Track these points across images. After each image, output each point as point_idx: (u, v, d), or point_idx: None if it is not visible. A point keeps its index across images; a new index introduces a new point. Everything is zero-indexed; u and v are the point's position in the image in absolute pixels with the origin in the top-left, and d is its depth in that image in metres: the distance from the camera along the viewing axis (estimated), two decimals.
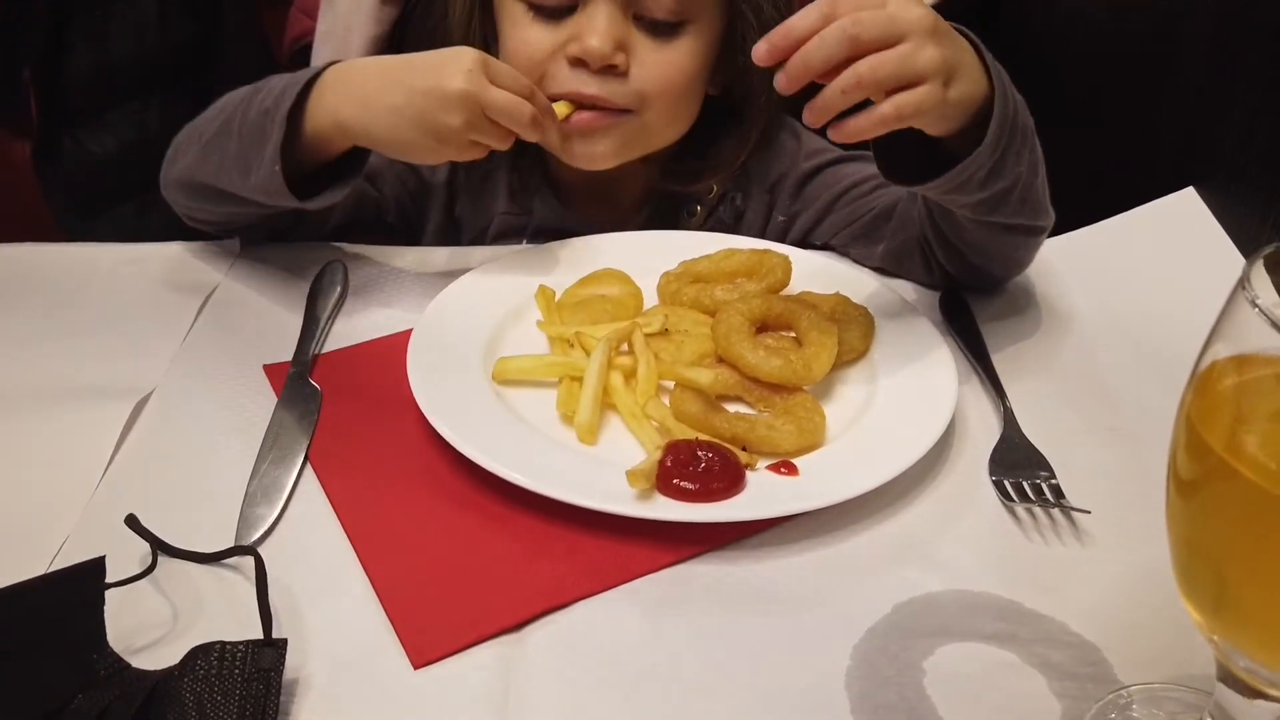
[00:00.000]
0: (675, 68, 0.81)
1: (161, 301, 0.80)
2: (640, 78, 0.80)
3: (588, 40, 0.77)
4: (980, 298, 0.81)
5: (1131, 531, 0.59)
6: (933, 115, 0.63)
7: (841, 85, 0.60)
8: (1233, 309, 0.37)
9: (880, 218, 0.84)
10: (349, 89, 0.74)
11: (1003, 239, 0.76)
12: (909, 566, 0.57)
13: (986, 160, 0.66)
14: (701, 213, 0.91)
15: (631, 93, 0.80)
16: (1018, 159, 0.68)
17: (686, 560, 0.57)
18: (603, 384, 0.65)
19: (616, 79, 0.79)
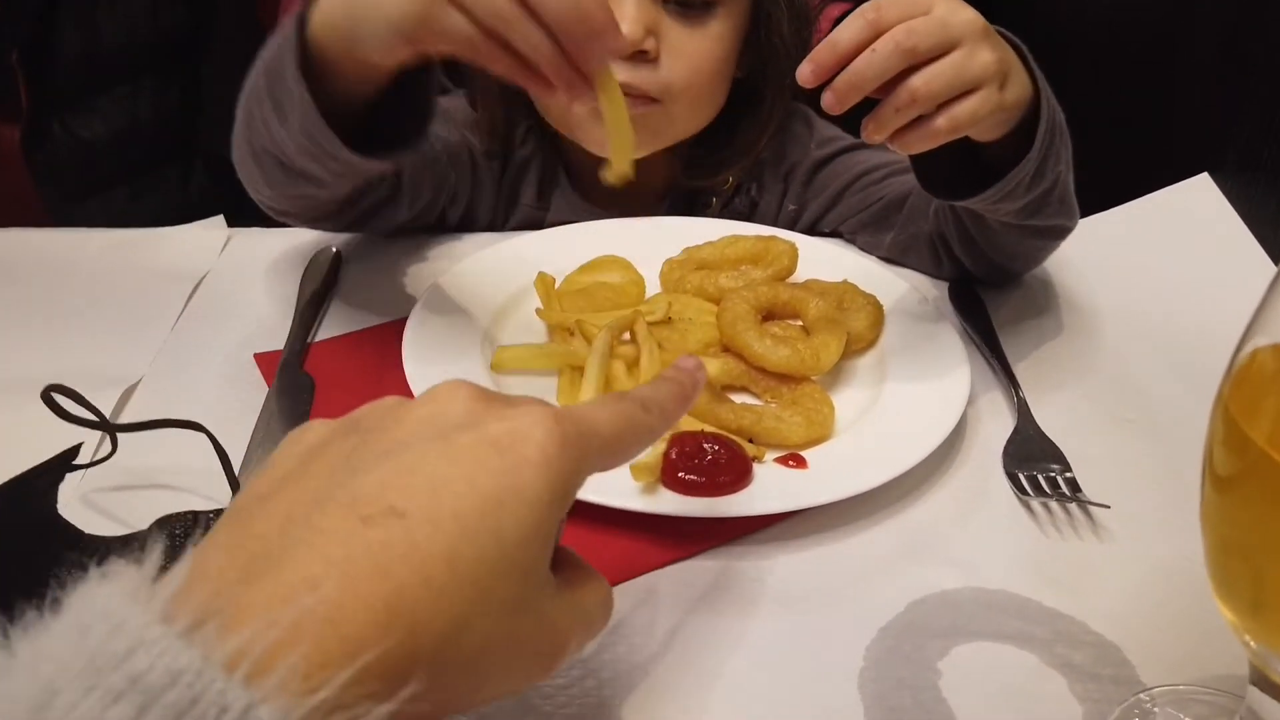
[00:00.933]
0: (705, 54, 0.79)
1: (150, 288, 0.77)
2: (669, 65, 0.78)
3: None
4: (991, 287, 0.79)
5: (1152, 527, 0.58)
6: (989, 122, 0.60)
7: (896, 104, 0.57)
8: (1276, 295, 0.35)
9: (890, 206, 0.82)
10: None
11: (1033, 241, 0.75)
12: (922, 563, 0.55)
13: (1034, 163, 0.63)
14: (717, 204, 0.90)
15: (660, 82, 0.78)
16: (1058, 158, 0.66)
17: (692, 556, 0.55)
18: (605, 374, 0.63)
19: (646, 65, 0.77)
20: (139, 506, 0.56)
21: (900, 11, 0.56)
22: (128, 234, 0.84)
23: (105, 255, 0.81)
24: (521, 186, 0.91)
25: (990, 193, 0.65)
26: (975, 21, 0.58)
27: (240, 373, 0.69)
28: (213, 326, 0.74)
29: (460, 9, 0.52)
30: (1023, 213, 0.69)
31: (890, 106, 0.57)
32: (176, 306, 0.75)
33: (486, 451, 0.33)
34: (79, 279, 0.79)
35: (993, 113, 0.59)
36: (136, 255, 0.81)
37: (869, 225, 0.84)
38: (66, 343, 0.71)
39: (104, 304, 0.76)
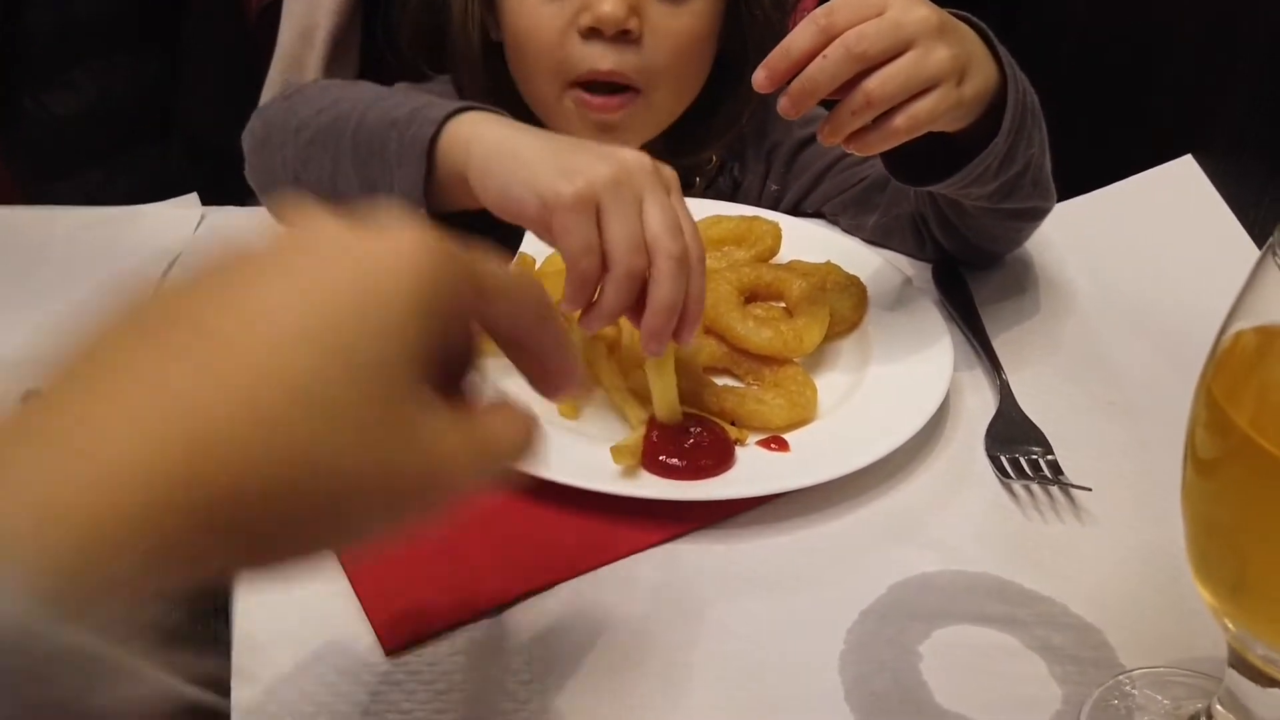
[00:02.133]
0: (687, 33, 0.79)
1: (123, 266, 0.76)
2: (652, 46, 0.77)
3: (599, 6, 0.74)
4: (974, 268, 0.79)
5: (1133, 510, 0.58)
6: (948, 118, 0.60)
7: (852, 107, 0.57)
8: (1260, 277, 0.34)
9: (872, 187, 0.82)
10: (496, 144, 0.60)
11: (1010, 224, 0.74)
12: (904, 545, 0.55)
13: (1001, 149, 0.63)
14: (701, 183, 0.89)
15: (644, 66, 0.77)
16: (1029, 141, 0.66)
17: (673, 540, 0.54)
18: (585, 356, 0.62)
19: (631, 47, 0.77)
20: None
21: (851, 14, 0.56)
22: (100, 212, 0.82)
23: (77, 234, 0.80)
24: None
25: (957, 178, 0.64)
26: (929, 19, 0.57)
27: None
28: None
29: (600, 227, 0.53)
30: (996, 196, 0.68)
31: (846, 110, 0.57)
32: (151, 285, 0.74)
33: (338, 261, 0.29)
34: (51, 257, 0.77)
35: (951, 109, 0.59)
36: (109, 233, 0.80)
37: (851, 206, 0.83)
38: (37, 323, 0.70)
39: (76, 283, 0.74)
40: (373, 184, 0.64)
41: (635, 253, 0.53)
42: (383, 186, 0.64)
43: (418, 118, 0.62)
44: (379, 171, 0.64)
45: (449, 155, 0.61)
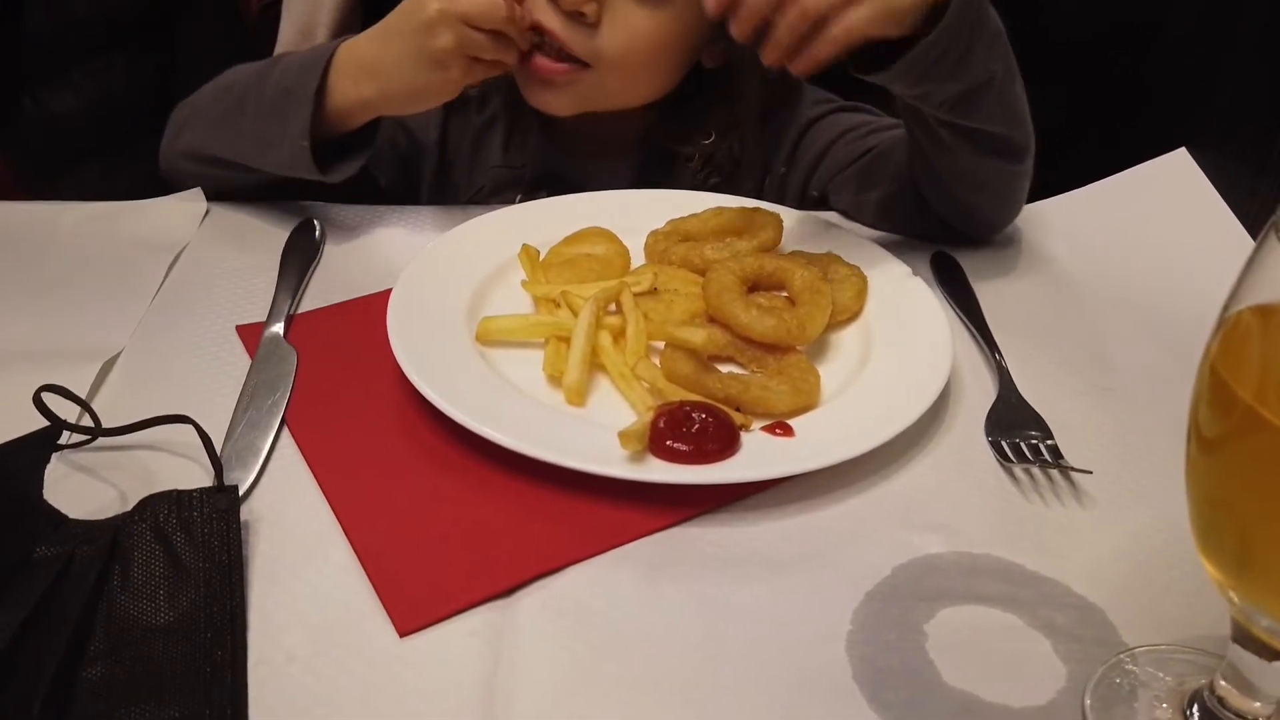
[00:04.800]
0: (645, 35, 0.79)
1: (128, 260, 0.76)
2: (607, 34, 0.78)
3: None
4: (972, 259, 0.79)
5: (1132, 492, 0.58)
6: (882, 23, 0.63)
7: (787, 22, 0.62)
8: (1263, 256, 0.35)
9: (875, 160, 0.83)
10: (361, 67, 0.76)
11: (985, 161, 0.75)
12: (908, 528, 0.56)
13: (949, 43, 0.65)
14: (699, 159, 0.89)
15: (592, 47, 0.78)
16: (989, 54, 0.69)
17: (680, 524, 0.55)
18: (591, 344, 0.63)
19: (583, 27, 0.77)
20: (121, 485, 0.56)
21: None
22: (106, 207, 0.82)
23: (83, 228, 0.80)
24: (485, 149, 0.91)
25: (907, 62, 0.66)
26: None
27: (222, 345, 0.68)
28: (193, 299, 0.73)
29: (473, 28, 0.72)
30: (960, 107, 0.70)
31: (783, 26, 0.62)
32: (156, 279, 0.74)
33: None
34: (57, 252, 0.77)
35: (881, 15, 0.63)
36: (115, 227, 0.80)
37: (853, 182, 0.84)
38: (45, 316, 0.70)
39: (83, 277, 0.75)
40: (267, 143, 0.78)
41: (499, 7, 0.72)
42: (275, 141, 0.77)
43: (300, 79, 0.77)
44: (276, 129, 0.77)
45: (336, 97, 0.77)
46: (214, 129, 0.82)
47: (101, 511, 0.53)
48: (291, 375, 0.65)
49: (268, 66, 0.81)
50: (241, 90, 0.81)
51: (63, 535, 0.50)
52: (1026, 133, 0.75)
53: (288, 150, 0.77)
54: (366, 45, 0.77)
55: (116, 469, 0.57)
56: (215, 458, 0.56)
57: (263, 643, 0.48)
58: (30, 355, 0.66)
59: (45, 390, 0.56)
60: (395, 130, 0.89)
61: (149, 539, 0.50)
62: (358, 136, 0.80)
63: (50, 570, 0.47)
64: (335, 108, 0.77)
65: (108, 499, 0.55)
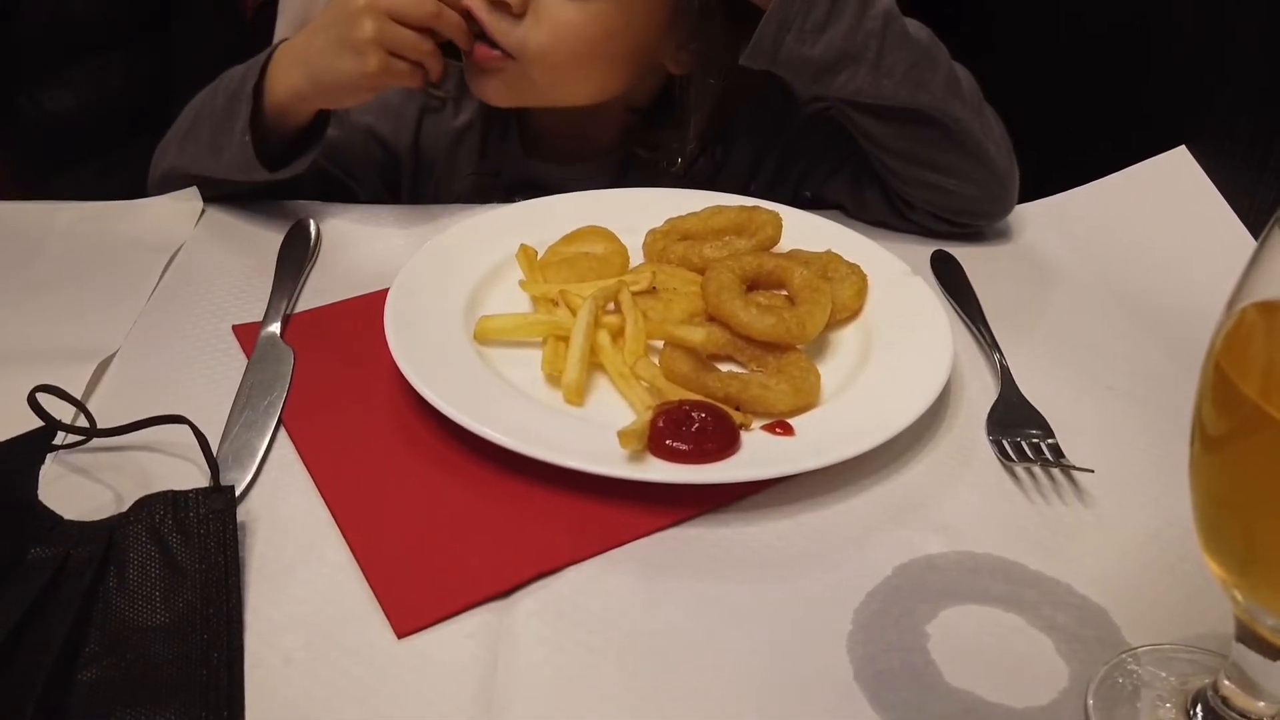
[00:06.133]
0: (573, 28, 0.78)
1: (124, 260, 0.76)
2: (530, 26, 0.77)
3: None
4: (972, 257, 0.79)
5: (1134, 491, 0.58)
6: None
7: None
8: (1267, 252, 0.35)
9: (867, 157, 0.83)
10: (292, 58, 0.78)
11: (916, 130, 0.77)
12: (909, 528, 0.55)
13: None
14: (682, 164, 0.89)
15: (515, 39, 0.78)
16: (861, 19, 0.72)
17: (680, 524, 0.55)
18: (590, 343, 0.63)
19: (508, 18, 0.77)
20: (117, 486, 0.56)
21: None
22: (101, 206, 0.82)
23: (79, 227, 0.80)
24: (460, 155, 0.91)
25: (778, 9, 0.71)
26: None
27: (218, 344, 0.68)
28: (189, 298, 0.72)
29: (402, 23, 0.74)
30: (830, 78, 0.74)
31: None
32: (152, 278, 0.74)
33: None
34: (52, 251, 0.77)
35: None
36: (111, 227, 0.80)
37: (849, 180, 0.85)
38: (40, 316, 0.70)
39: (78, 276, 0.74)
40: (219, 148, 0.79)
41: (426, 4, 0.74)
42: (225, 145, 0.79)
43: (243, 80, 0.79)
44: (225, 133, 0.79)
45: (274, 90, 0.78)
46: (181, 145, 0.84)
47: (97, 512, 0.53)
48: (288, 375, 0.64)
49: (218, 81, 0.83)
50: (199, 104, 0.84)
51: (58, 536, 0.50)
52: (940, 99, 0.76)
53: (236, 151, 0.78)
54: (300, 37, 0.79)
55: (112, 469, 0.57)
56: (211, 458, 0.55)
57: (259, 644, 0.47)
58: (25, 355, 0.65)
59: (40, 390, 0.56)
60: (369, 142, 0.91)
61: (145, 540, 0.49)
62: (307, 133, 0.80)
63: (45, 571, 0.47)
64: (273, 103, 0.78)
65: (103, 500, 0.54)
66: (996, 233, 0.84)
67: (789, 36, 0.73)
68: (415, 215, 0.84)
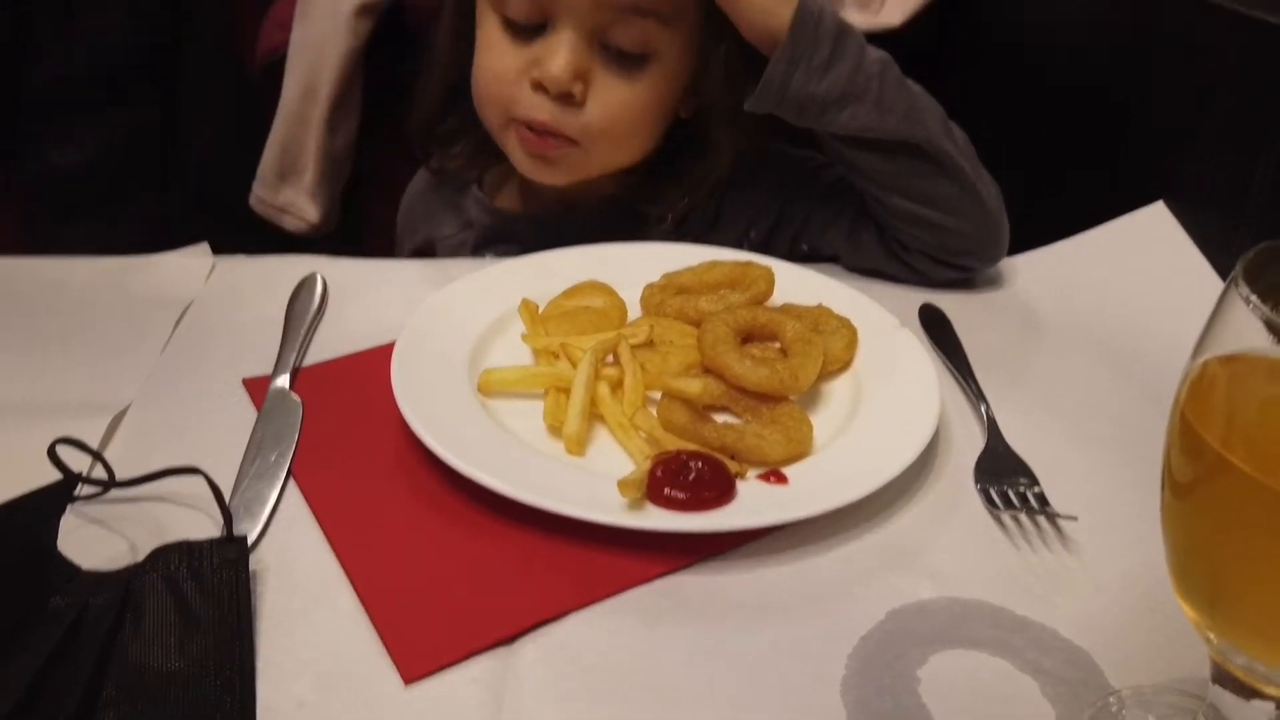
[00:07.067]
0: (629, 105, 0.83)
1: (137, 315, 0.78)
2: (593, 111, 0.82)
3: (549, 67, 0.80)
4: (959, 310, 0.82)
5: (1117, 538, 0.60)
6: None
7: None
8: (1225, 309, 0.37)
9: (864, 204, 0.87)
10: None
11: (902, 163, 0.81)
12: (900, 574, 0.57)
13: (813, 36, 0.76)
14: (671, 220, 0.92)
15: (580, 125, 0.82)
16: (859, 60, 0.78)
17: (678, 571, 0.56)
18: (590, 394, 0.65)
19: (571, 109, 0.82)
20: (132, 536, 0.57)
21: None
22: (113, 262, 0.84)
23: (92, 282, 0.82)
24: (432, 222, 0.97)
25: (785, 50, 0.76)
26: None
27: (229, 398, 0.70)
28: (201, 352, 0.74)
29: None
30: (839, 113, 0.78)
31: None
32: (164, 333, 0.76)
33: None
34: (66, 306, 0.79)
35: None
36: (123, 282, 0.82)
37: (845, 228, 0.88)
38: (55, 370, 0.72)
39: (92, 331, 0.77)
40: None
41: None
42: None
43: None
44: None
45: None
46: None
47: (114, 561, 0.54)
48: (297, 427, 0.66)
49: None
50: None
51: (76, 586, 0.51)
52: (938, 137, 0.80)
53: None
54: None
55: (127, 519, 0.58)
56: (225, 508, 0.57)
57: (271, 690, 0.49)
58: (41, 409, 0.67)
59: (59, 443, 0.58)
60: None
61: (160, 589, 0.51)
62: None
63: (64, 620, 0.49)
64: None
65: (119, 549, 0.56)
66: (981, 285, 0.87)
67: (797, 73, 0.77)
68: (420, 270, 0.86)
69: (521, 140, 0.84)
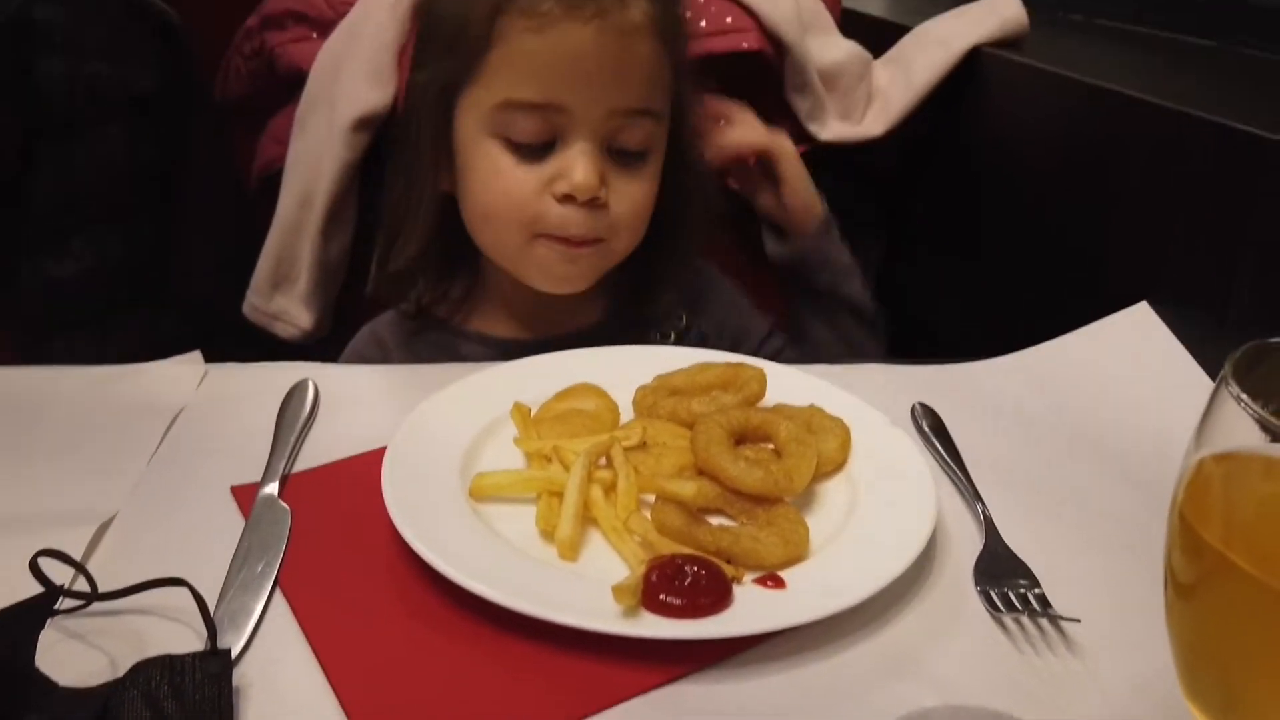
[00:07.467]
0: (642, 197, 0.89)
1: (125, 424, 0.78)
2: (617, 209, 0.87)
3: (574, 176, 0.83)
4: (949, 408, 0.82)
5: (1121, 640, 0.59)
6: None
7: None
8: (1216, 408, 0.38)
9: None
10: None
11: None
12: (901, 680, 0.56)
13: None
14: (672, 338, 0.97)
15: (608, 224, 0.87)
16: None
17: (676, 681, 0.55)
18: (583, 498, 0.64)
19: (598, 211, 0.86)
20: (113, 650, 0.56)
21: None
22: (104, 371, 0.84)
23: (80, 392, 0.82)
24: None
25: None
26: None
27: (217, 506, 0.69)
28: (190, 460, 0.74)
29: None
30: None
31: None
32: (152, 441, 0.76)
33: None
34: (53, 415, 0.79)
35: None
36: (112, 391, 0.82)
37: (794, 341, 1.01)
38: (41, 480, 0.71)
39: (80, 440, 0.76)
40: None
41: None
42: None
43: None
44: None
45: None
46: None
47: (93, 677, 0.52)
48: (285, 535, 0.65)
49: None
50: None
51: (52, 702, 0.49)
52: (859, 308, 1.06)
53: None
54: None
55: (109, 634, 0.57)
56: (209, 620, 0.56)
57: None
58: (24, 520, 0.66)
59: (41, 555, 0.57)
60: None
61: (139, 706, 0.49)
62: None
63: None
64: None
65: (99, 664, 0.54)
66: (971, 385, 0.87)
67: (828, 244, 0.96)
68: (412, 375, 0.86)
69: (557, 245, 0.87)
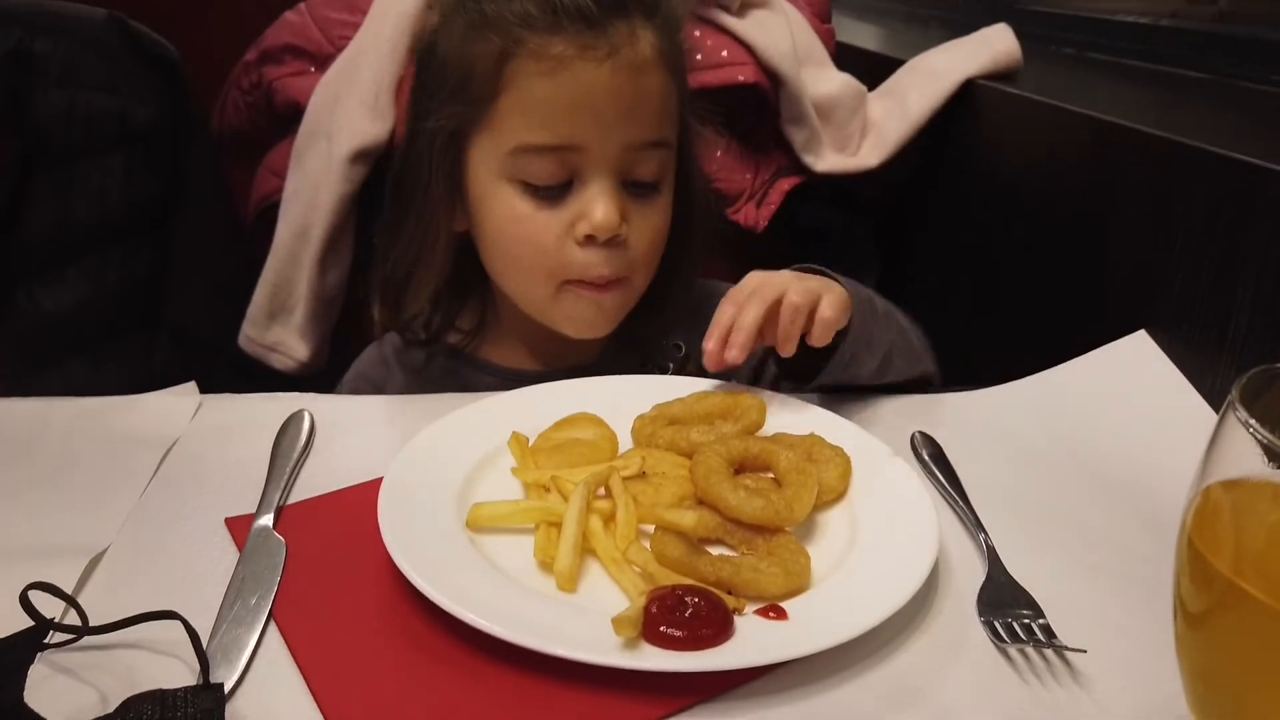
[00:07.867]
0: (658, 227, 0.89)
1: (119, 455, 0.77)
2: (637, 245, 0.87)
3: (595, 216, 0.83)
4: (949, 438, 0.82)
5: (1127, 669, 0.58)
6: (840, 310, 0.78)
7: (783, 333, 0.78)
8: (1224, 434, 0.37)
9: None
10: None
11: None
12: (906, 713, 0.55)
13: (861, 334, 0.81)
14: (673, 369, 0.95)
15: (630, 260, 0.87)
16: (885, 329, 0.85)
17: (678, 714, 0.54)
18: (582, 529, 0.64)
19: (619, 249, 0.85)
20: (104, 685, 0.55)
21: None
22: (98, 402, 0.84)
23: (75, 423, 0.81)
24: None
25: (831, 366, 0.82)
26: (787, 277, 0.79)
27: (211, 537, 0.68)
28: (184, 492, 0.73)
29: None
30: (879, 373, 0.85)
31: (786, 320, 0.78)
32: (146, 473, 0.75)
33: None
34: (47, 447, 0.78)
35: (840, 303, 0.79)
36: (106, 422, 0.81)
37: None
38: (35, 512, 0.70)
39: (73, 471, 0.75)
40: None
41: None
42: None
43: None
44: None
45: None
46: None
47: (84, 713, 0.51)
48: (279, 567, 0.64)
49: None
50: None
51: None
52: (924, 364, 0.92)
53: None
54: None
55: (100, 668, 0.56)
56: (202, 654, 0.55)
57: None
58: (15, 552, 0.65)
59: (32, 588, 0.56)
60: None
61: None
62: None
63: None
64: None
65: (90, 700, 0.53)
66: (972, 414, 0.87)
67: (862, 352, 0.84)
68: (407, 405, 0.86)
69: (585, 291, 0.86)
